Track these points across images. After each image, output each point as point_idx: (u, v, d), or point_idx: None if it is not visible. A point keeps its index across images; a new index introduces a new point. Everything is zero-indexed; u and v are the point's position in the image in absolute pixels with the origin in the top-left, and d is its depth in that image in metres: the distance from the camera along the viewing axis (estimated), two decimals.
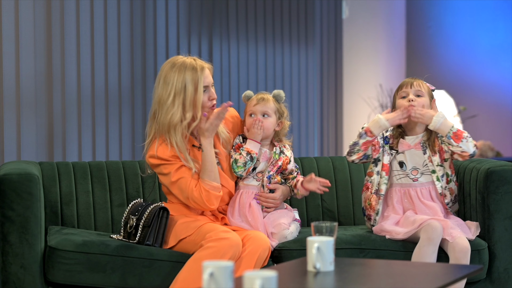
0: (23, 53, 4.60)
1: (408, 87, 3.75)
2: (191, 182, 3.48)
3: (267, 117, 3.67)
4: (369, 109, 7.22)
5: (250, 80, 5.92)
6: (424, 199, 3.70)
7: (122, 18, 5.13)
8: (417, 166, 3.71)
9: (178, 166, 3.50)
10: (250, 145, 3.63)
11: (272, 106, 3.68)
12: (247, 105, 3.71)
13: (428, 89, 3.76)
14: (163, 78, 3.52)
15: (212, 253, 3.30)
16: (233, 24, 5.87)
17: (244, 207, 3.62)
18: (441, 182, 3.70)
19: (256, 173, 3.66)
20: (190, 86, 3.49)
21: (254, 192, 3.65)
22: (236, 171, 3.62)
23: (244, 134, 3.70)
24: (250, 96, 3.72)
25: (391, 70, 7.67)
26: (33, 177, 3.43)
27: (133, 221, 3.54)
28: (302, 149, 6.37)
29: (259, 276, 2.31)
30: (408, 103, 3.69)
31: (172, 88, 3.49)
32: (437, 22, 7.70)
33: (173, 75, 3.50)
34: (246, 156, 3.60)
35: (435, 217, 3.57)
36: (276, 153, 3.68)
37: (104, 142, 5.03)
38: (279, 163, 3.67)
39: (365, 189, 3.79)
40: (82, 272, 3.41)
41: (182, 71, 3.49)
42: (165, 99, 3.49)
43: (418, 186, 3.72)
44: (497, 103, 7.40)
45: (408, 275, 2.85)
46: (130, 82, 5.18)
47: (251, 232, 3.46)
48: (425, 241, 3.50)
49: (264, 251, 3.40)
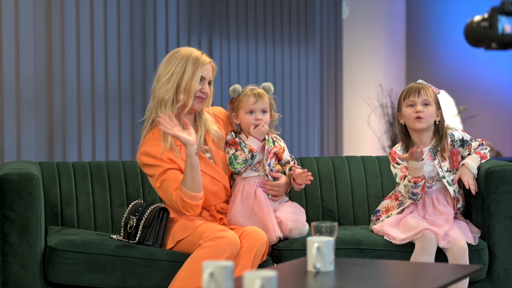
0: (23, 53, 4.60)
1: (416, 95, 3.72)
2: (172, 185, 3.48)
3: (265, 113, 3.68)
4: (369, 109, 7.23)
5: (250, 80, 5.92)
6: (440, 204, 3.70)
7: (122, 18, 5.13)
8: (431, 174, 3.72)
9: (163, 170, 3.50)
10: (252, 143, 3.64)
11: (268, 101, 3.70)
12: (242, 101, 3.69)
13: (434, 95, 3.74)
14: (167, 58, 3.61)
15: (210, 252, 3.30)
16: (233, 24, 5.87)
17: (249, 197, 3.61)
18: (453, 186, 3.70)
19: (254, 164, 3.66)
20: (190, 70, 3.55)
21: (257, 182, 3.64)
22: (236, 167, 3.62)
23: (244, 129, 3.70)
24: (239, 91, 3.72)
25: (391, 70, 7.67)
26: (33, 177, 3.43)
27: (133, 222, 3.54)
28: (302, 149, 6.37)
29: (259, 276, 2.31)
30: (416, 114, 3.69)
31: (172, 67, 3.56)
32: (437, 22, 7.70)
33: (177, 57, 3.58)
34: (248, 153, 3.61)
35: (431, 227, 3.56)
36: (269, 141, 3.68)
37: (104, 142, 5.03)
38: (275, 149, 3.68)
39: (394, 197, 3.80)
40: (82, 272, 3.41)
41: (186, 57, 3.57)
42: (163, 75, 3.56)
43: (433, 193, 3.72)
44: (497, 103, 7.40)
45: (408, 275, 2.85)
46: (130, 82, 5.18)
47: (247, 228, 3.46)
48: (419, 250, 3.52)
49: (262, 246, 3.40)
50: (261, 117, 3.66)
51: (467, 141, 3.76)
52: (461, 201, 3.75)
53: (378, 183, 4.11)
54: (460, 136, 3.76)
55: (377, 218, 3.79)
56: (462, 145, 3.75)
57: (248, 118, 3.67)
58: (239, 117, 3.69)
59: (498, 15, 6.30)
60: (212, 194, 3.60)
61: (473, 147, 3.77)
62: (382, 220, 3.74)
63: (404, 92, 3.77)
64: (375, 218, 3.80)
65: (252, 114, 3.67)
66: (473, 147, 3.76)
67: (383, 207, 3.81)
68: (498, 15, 6.32)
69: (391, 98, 7.28)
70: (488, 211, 3.68)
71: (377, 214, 3.80)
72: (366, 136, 7.30)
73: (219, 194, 3.62)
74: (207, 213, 3.62)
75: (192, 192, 3.44)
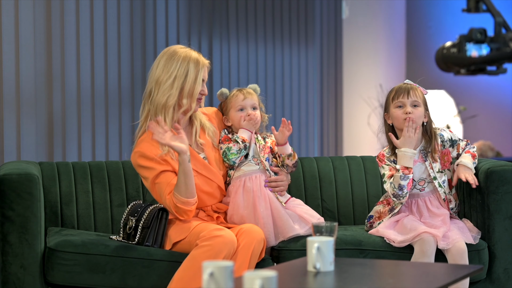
0: (23, 53, 4.60)
1: (405, 97, 3.72)
2: (166, 189, 3.47)
3: (255, 110, 3.69)
4: (369, 109, 7.22)
5: (250, 80, 5.92)
6: (433, 207, 3.69)
7: (122, 18, 5.13)
8: (423, 177, 3.71)
9: (157, 172, 3.50)
10: (243, 134, 3.65)
11: (257, 99, 3.73)
12: (232, 101, 3.70)
13: (422, 96, 3.74)
14: (164, 60, 3.56)
15: (207, 251, 3.30)
16: (233, 24, 5.87)
17: (253, 195, 3.60)
18: (443, 188, 3.70)
19: (252, 158, 3.67)
20: (192, 74, 3.54)
21: (259, 177, 3.64)
22: (230, 158, 3.62)
23: (235, 128, 3.70)
24: (227, 94, 3.74)
25: (391, 70, 7.67)
26: (33, 177, 3.43)
27: (132, 222, 3.54)
28: (302, 149, 6.37)
29: (259, 276, 2.31)
30: (405, 115, 3.68)
31: (173, 71, 3.54)
32: (437, 22, 7.70)
33: (176, 60, 3.55)
34: (242, 143, 3.62)
35: (429, 230, 3.55)
36: (259, 139, 3.69)
37: (104, 142, 5.03)
38: (268, 144, 3.69)
39: (385, 202, 3.79)
40: (81, 273, 3.41)
41: (186, 60, 3.55)
42: (165, 80, 3.53)
43: (425, 195, 3.71)
44: (497, 103, 7.40)
45: (408, 275, 2.85)
46: (130, 82, 5.17)
47: (244, 226, 3.46)
48: (419, 253, 3.51)
49: (259, 243, 3.40)
50: (252, 112, 3.67)
51: (455, 140, 3.76)
52: (454, 201, 3.74)
53: (378, 183, 4.11)
54: (449, 136, 3.76)
55: (371, 224, 3.78)
56: (452, 145, 3.75)
57: (238, 114, 3.68)
58: (230, 117, 3.70)
59: (466, 42, 6.52)
60: (207, 194, 3.59)
61: (461, 146, 3.77)
62: (375, 227, 3.74)
63: (393, 93, 3.76)
64: (368, 225, 3.80)
65: (243, 111, 3.68)
66: (461, 147, 3.77)
67: (375, 212, 3.80)
68: (466, 42, 6.52)
69: None
70: (488, 211, 3.68)
71: (370, 221, 3.79)
72: (366, 136, 7.30)
73: (214, 194, 3.62)
74: (204, 214, 3.61)
75: (185, 198, 3.43)
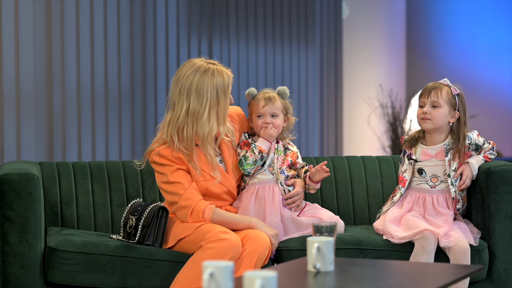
0: (23, 53, 4.60)
1: (426, 97, 3.73)
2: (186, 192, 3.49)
3: (276, 117, 3.68)
4: (369, 109, 7.23)
5: (250, 80, 5.92)
6: (439, 206, 3.69)
7: (122, 18, 5.13)
8: (437, 174, 3.71)
9: (175, 168, 3.50)
10: (262, 144, 3.64)
11: (279, 105, 3.69)
12: (254, 105, 3.70)
13: (448, 96, 3.72)
14: (195, 89, 3.49)
15: (212, 254, 3.30)
16: (233, 24, 5.87)
17: (264, 204, 3.60)
18: (455, 186, 3.70)
19: (268, 167, 3.67)
20: (222, 97, 3.51)
21: (272, 187, 3.64)
22: (245, 168, 3.62)
23: (256, 133, 3.70)
24: (254, 94, 3.72)
25: (391, 70, 7.67)
26: (33, 177, 3.43)
27: (132, 221, 3.54)
28: (302, 149, 6.37)
29: (259, 276, 2.31)
30: (422, 115, 3.71)
31: (207, 102, 3.48)
32: (437, 22, 7.70)
33: (206, 89, 3.49)
34: (258, 154, 3.61)
35: (431, 228, 3.56)
36: (279, 150, 3.69)
37: (104, 142, 5.03)
38: (288, 158, 3.69)
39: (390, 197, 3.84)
40: (82, 272, 3.41)
41: (215, 87, 3.50)
42: (201, 112, 3.48)
43: (435, 193, 3.72)
44: (497, 103, 7.40)
45: (408, 275, 2.85)
46: (130, 82, 5.17)
47: (251, 232, 3.46)
48: (419, 250, 3.51)
49: (265, 250, 3.40)
50: (271, 120, 3.66)
51: (480, 146, 3.76)
52: (461, 203, 3.74)
53: (378, 183, 4.11)
54: (475, 140, 3.75)
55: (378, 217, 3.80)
56: (476, 149, 3.75)
57: (258, 121, 3.69)
58: (253, 120, 3.71)
59: None
60: (217, 197, 3.59)
61: (484, 149, 3.77)
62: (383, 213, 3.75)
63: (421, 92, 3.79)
64: (378, 216, 3.82)
65: (262, 118, 3.68)
66: (484, 150, 3.77)
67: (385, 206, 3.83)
68: None
69: (391, 98, 7.28)
70: (488, 211, 3.68)
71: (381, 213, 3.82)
72: (366, 136, 7.30)
73: (224, 197, 3.62)
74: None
75: (209, 220, 3.49)
